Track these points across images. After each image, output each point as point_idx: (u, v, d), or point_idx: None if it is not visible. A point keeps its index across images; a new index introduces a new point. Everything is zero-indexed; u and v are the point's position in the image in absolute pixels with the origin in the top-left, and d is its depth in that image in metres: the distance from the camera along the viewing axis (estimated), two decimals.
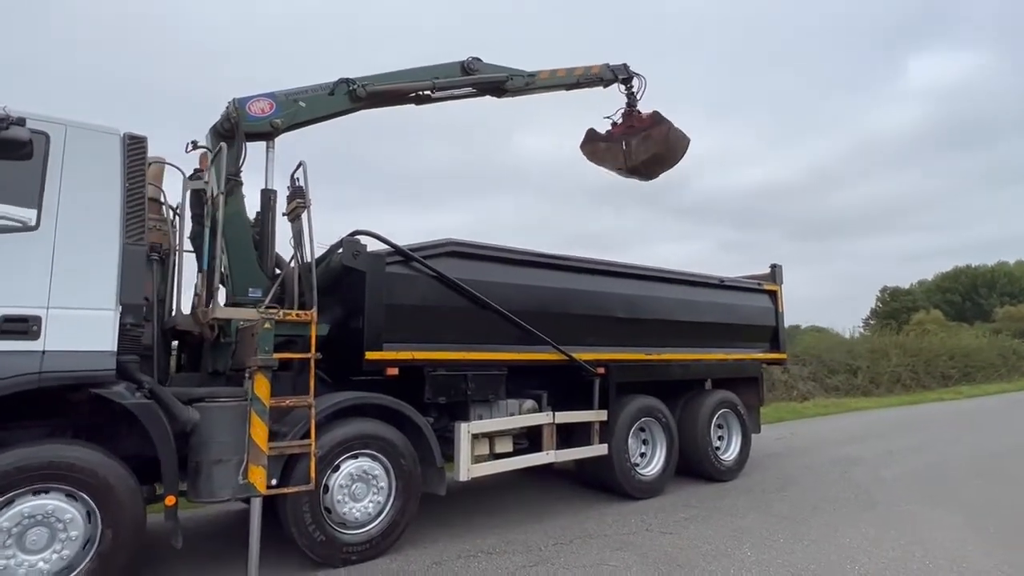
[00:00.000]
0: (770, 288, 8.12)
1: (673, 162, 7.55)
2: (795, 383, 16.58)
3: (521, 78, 6.85)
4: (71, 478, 3.42)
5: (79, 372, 3.51)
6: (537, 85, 7.04)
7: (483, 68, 6.56)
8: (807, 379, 17.13)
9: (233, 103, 4.95)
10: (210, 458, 3.97)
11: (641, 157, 7.34)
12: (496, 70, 6.68)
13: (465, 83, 6.52)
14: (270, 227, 5.15)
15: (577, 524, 5.40)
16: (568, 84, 7.39)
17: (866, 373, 18.96)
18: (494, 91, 6.82)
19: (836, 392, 17.72)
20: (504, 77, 6.69)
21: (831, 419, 13.96)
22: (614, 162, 7.65)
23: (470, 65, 6.43)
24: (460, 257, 5.16)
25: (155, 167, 4.92)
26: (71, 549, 3.41)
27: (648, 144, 7.32)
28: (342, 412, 4.52)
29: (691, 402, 7.10)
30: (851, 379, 18.44)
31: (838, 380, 18.01)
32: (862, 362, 19.19)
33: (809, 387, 16.91)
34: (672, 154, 7.43)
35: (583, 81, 7.45)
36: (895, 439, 10.50)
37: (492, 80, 6.65)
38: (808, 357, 18.07)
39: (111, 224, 3.77)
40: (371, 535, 4.47)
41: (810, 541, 4.95)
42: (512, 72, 6.79)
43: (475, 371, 5.16)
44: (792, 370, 16.87)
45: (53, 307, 3.51)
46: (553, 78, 7.21)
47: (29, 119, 3.52)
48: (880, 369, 19.73)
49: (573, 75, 7.38)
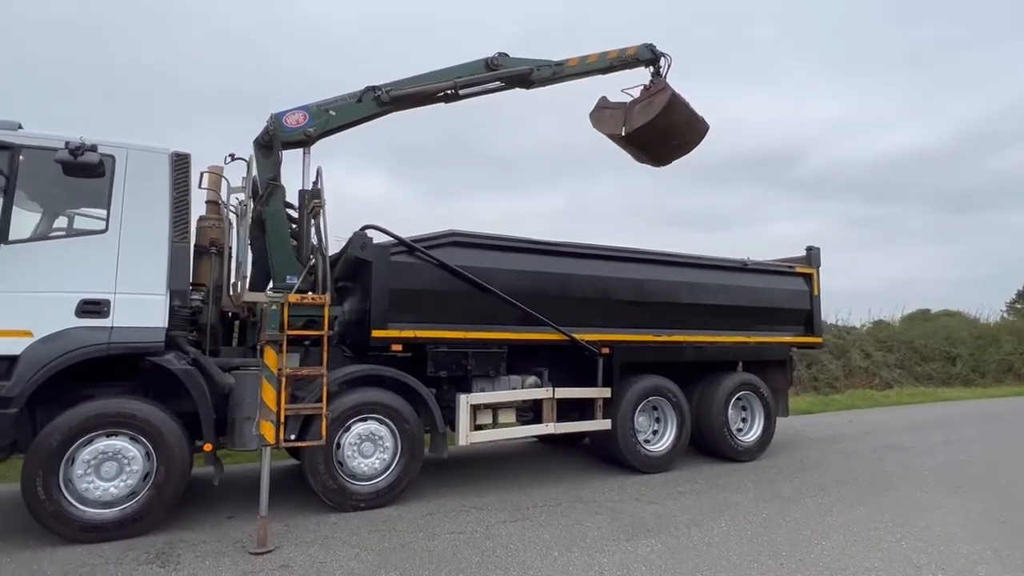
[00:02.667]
0: (804, 271, 7.99)
1: (681, 142, 7.34)
2: (878, 370, 15.66)
3: (548, 68, 7.10)
4: (134, 425, 4.41)
5: (136, 343, 4.49)
6: (567, 73, 7.24)
7: (507, 63, 6.89)
8: (893, 366, 16.09)
9: (272, 117, 5.79)
10: (242, 415, 4.87)
11: (638, 123, 7.15)
12: (521, 63, 6.98)
13: (489, 78, 6.86)
14: (306, 224, 5.99)
15: (573, 491, 5.87)
16: (602, 68, 7.47)
17: (967, 361, 17.44)
18: (521, 83, 7.10)
19: (929, 381, 16.51)
20: (527, 69, 6.96)
21: (909, 408, 13.20)
22: (613, 127, 7.51)
23: (494, 61, 6.79)
24: (462, 246, 5.73)
25: (214, 176, 5.92)
26: (134, 480, 4.41)
27: (648, 110, 7.13)
28: (353, 381, 5.30)
29: (712, 383, 7.25)
30: (948, 367, 17.06)
31: (931, 368, 16.73)
32: (963, 349, 17.65)
33: (895, 375, 15.90)
34: (676, 130, 7.16)
35: (617, 64, 7.50)
36: (964, 430, 9.89)
37: (516, 73, 6.94)
38: (896, 343, 16.92)
39: (162, 226, 4.72)
40: (377, 487, 5.21)
41: (794, 519, 5.08)
42: (538, 63, 7.05)
43: (475, 348, 5.74)
44: (875, 356, 15.94)
45: (119, 292, 4.51)
46: (583, 64, 7.35)
47: (100, 145, 4.50)
48: (987, 357, 18.05)
49: (606, 59, 7.45)
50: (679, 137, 7.36)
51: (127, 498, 4.38)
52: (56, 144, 4.30)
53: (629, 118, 7.27)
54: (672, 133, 7.28)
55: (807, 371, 14.76)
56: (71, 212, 4.92)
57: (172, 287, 4.70)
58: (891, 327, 18.55)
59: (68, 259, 4.43)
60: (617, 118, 7.44)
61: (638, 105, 7.29)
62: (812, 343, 8.10)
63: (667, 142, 7.40)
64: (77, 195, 4.77)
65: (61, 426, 4.20)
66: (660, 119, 7.04)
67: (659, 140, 7.34)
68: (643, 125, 7.10)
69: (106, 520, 4.29)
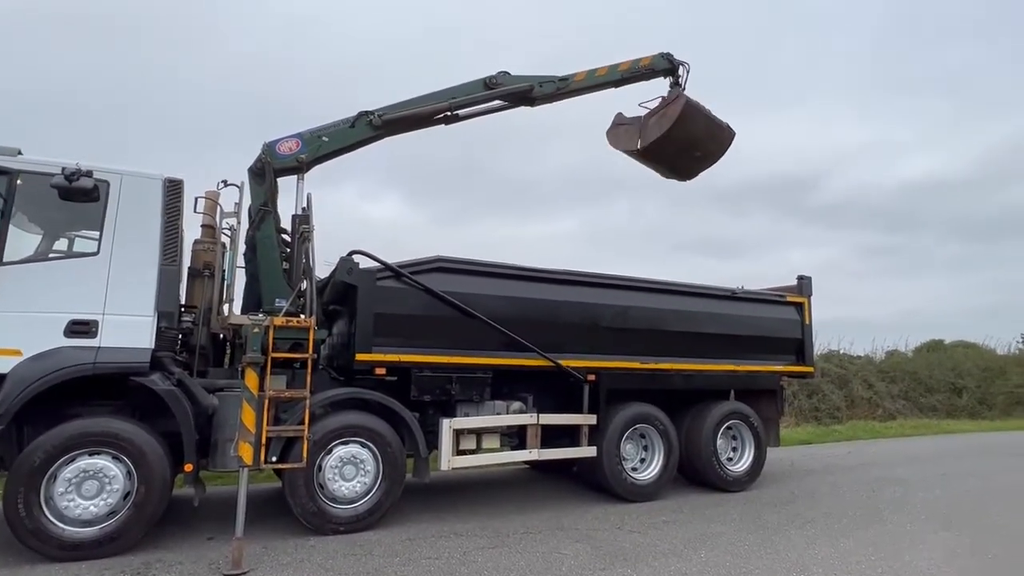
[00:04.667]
0: (796, 300, 8.01)
1: (705, 154, 7.02)
2: (881, 401, 15.47)
3: (551, 83, 6.98)
4: (116, 444, 4.47)
5: (122, 363, 4.58)
6: (573, 88, 7.09)
7: (507, 81, 6.79)
8: (897, 397, 15.90)
9: (264, 146, 5.97)
10: (224, 436, 4.94)
11: (653, 136, 6.84)
12: (522, 80, 6.86)
13: (487, 97, 6.78)
14: (297, 248, 6.11)
15: (555, 518, 5.84)
16: (614, 81, 7.29)
17: (974, 393, 17.20)
18: (523, 100, 7.00)
19: (934, 413, 16.28)
20: (528, 86, 6.84)
21: (911, 440, 13.00)
22: (629, 143, 7.20)
23: (493, 80, 6.74)
24: (448, 272, 5.82)
25: (210, 200, 6.08)
26: (114, 498, 4.46)
27: (662, 121, 6.80)
28: (337, 404, 5.36)
29: (701, 411, 7.23)
30: (954, 399, 16.83)
31: (936, 400, 16.51)
32: (970, 381, 17.42)
33: (899, 406, 15.70)
34: (696, 141, 6.86)
35: (629, 76, 7.28)
36: (963, 463, 9.74)
37: (516, 90, 6.83)
38: (900, 373, 16.74)
39: (152, 250, 4.85)
40: (358, 511, 5.23)
41: (775, 551, 5.04)
42: (541, 79, 6.92)
43: (460, 373, 5.79)
44: (878, 387, 15.76)
45: (108, 314, 4.62)
46: (592, 78, 7.16)
47: (95, 171, 4.66)
48: (995, 389, 17.80)
49: (617, 71, 7.25)
50: (701, 148, 7.06)
51: (106, 517, 4.43)
52: (53, 169, 4.47)
53: (644, 131, 7.00)
54: (692, 144, 6.99)
55: (808, 401, 14.62)
56: (66, 234, 5.07)
57: (160, 309, 4.82)
58: (896, 357, 18.37)
59: (59, 280, 4.57)
60: (632, 133, 7.18)
61: (652, 118, 7.02)
62: (803, 372, 8.07)
63: (689, 154, 7.11)
64: (72, 218, 4.92)
65: (44, 444, 4.28)
66: (676, 130, 6.73)
67: (679, 153, 7.04)
68: (658, 138, 6.82)
69: (85, 539, 4.34)
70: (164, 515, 4.78)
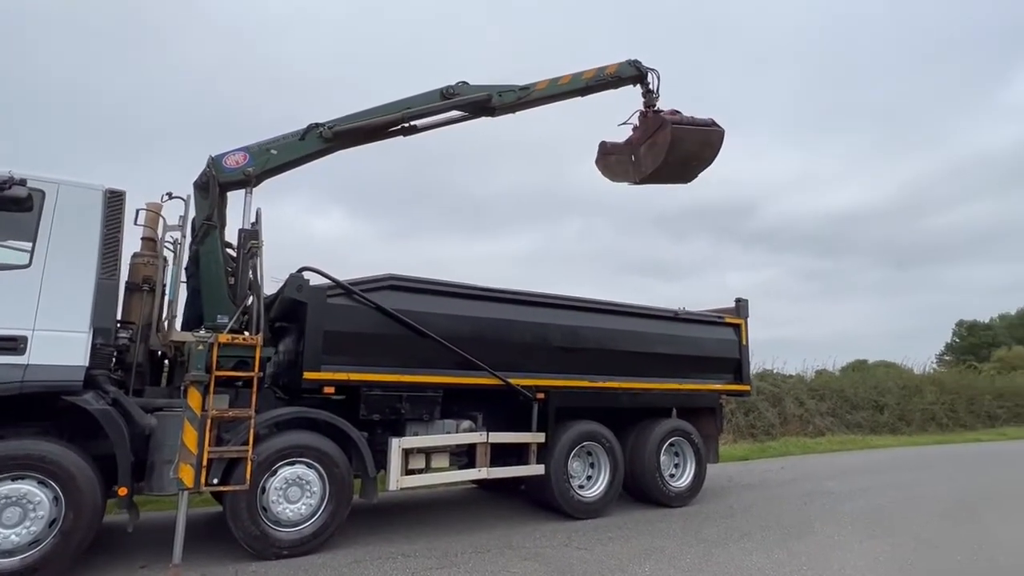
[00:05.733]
0: (734, 321, 8.39)
1: (700, 160, 7.07)
2: (811, 418, 16.27)
3: (512, 93, 6.86)
4: (42, 468, 4.22)
5: (52, 382, 4.34)
6: (535, 97, 6.95)
7: (464, 90, 6.65)
8: (825, 414, 16.76)
9: (210, 159, 5.84)
10: (162, 458, 4.73)
11: (649, 168, 6.89)
12: (480, 90, 6.74)
13: (444, 107, 6.64)
14: (243, 264, 5.97)
15: (504, 537, 5.86)
16: (578, 90, 7.15)
17: (894, 410, 18.33)
18: (483, 111, 6.85)
19: (859, 429, 17.23)
20: (486, 96, 6.72)
21: (839, 455, 13.71)
22: (626, 176, 7.20)
23: (449, 90, 6.61)
24: (400, 290, 5.83)
25: (151, 213, 5.88)
26: (38, 526, 4.19)
27: (655, 152, 6.82)
28: (283, 424, 5.24)
29: (645, 429, 7.43)
30: (876, 415, 17.87)
31: (861, 416, 17.50)
32: (890, 398, 18.56)
33: (827, 422, 16.54)
34: (691, 155, 6.89)
35: (594, 84, 7.14)
36: (885, 476, 10.35)
37: (473, 100, 6.70)
38: (828, 391, 17.67)
39: (89, 263, 4.65)
40: (303, 534, 5.10)
41: (716, 563, 5.23)
42: (501, 88, 6.81)
43: (410, 392, 5.77)
44: (808, 405, 16.58)
45: (38, 329, 4.38)
46: (554, 87, 7.02)
47: (29, 179, 4.45)
48: (911, 406, 19.02)
49: (581, 80, 7.11)
50: (696, 158, 7.09)
51: (29, 547, 4.16)
52: None
53: (637, 162, 6.99)
54: (688, 159, 7.00)
55: (745, 418, 15.21)
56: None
57: (96, 325, 4.61)
58: (824, 376, 19.38)
59: None
60: (625, 164, 7.16)
61: (643, 147, 6.95)
62: (741, 391, 8.44)
63: (686, 165, 7.13)
64: (1, 228, 4.66)
65: None
66: (670, 156, 6.75)
67: (677, 169, 7.06)
68: (655, 170, 6.89)
69: (3, 571, 4.05)
70: (93, 543, 4.52)
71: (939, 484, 9.60)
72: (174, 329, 5.30)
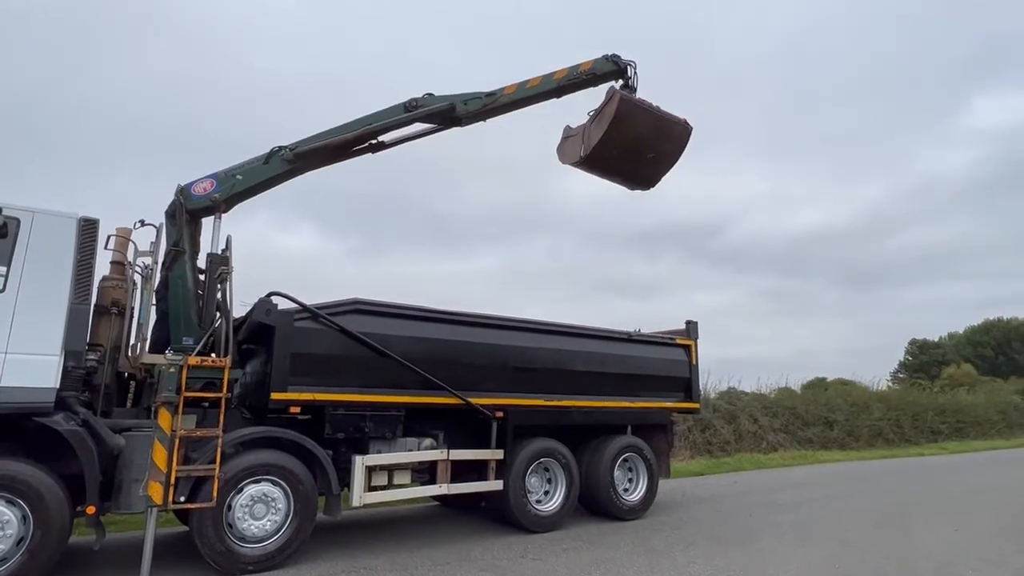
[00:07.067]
0: (684, 342, 8.88)
1: (658, 155, 6.66)
2: (764, 434, 16.92)
3: (478, 100, 6.65)
4: (11, 487, 4.36)
5: (23, 403, 4.50)
6: (503, 102, 6.72)
7: (427, 102, 6.55)
8: (778, 431, 17.44)
9: (179, 187, 6.05)
10: (130, 477, 4.90)
11: (593, 140, 6.40)
12: (443, 100, 6.59)
13: (407, 120, 6.60)
14: (212, 288, 6.17)
15: (463, 551, 6.12)
16: (552, 91, 6.88)
17: (843, 426, 19.15)
18: (450, 120, 6.70)
19: (810, 444, 17.95)
20: (449, 105, 6.56)
21: (790, 470, 14.31)
22: (575, 155, 6.73)
23: (413, 103, 6.57)
24: (364, 313, 6.11)
25: (121, 238, 6.06)
26: (6, 544, 4.32)
27: (600, 123, 6.35)
28: (249, 443, 5.44)
29: (600, 445, 7.80)
30: (826, 431, 18.66)
31: (812, 433, 18.25)
32: (839, 415, 19.40)
33: (780, 439, 17.22)
34: (644, 142, 6.49)
35: (568, 84, 6.84)
36: (829, 489, 10.93)
37: (437, 110, 6.55)
38: (780, 408, 18.40)
39: (62, 288, 4.83)
40: (268, 550, 5.28)
41: (660, 570, 5.60)
42: (465, 97, 6.64)
43: (373, 411, 6.03)
44: (762, 421, 17.24)
45: (10, 352, 4.54)
46: (523, 90, 6.78)
47: (5, 208, 4.64)
48: (860, 422, 19.89)
49: (553, 80, 6.81)
50: (651, 148, 6.62)
51: None
52: None
53: (585, 138, 6.55)
54: (640, 145, 6.55)
55: (701, 435, 15.75)
56: None
57: (67, 348, 4.78)
58: (781, 393, 20.16)
59: None
60: (577, 144, 6.74)
61: (593, 122, 6.56)
62: (691, 408, 8.90)
63: (640, 157, 6.67)
64: None
65: None
66: (617, 131, 6.30)
67: (628, 156, 6.58)
68: (600, 140, 6.38)
69: None
70: (59, 562, 4.64)
71: (876, 496, 10.21)
72: (144, 352, 5.47)
